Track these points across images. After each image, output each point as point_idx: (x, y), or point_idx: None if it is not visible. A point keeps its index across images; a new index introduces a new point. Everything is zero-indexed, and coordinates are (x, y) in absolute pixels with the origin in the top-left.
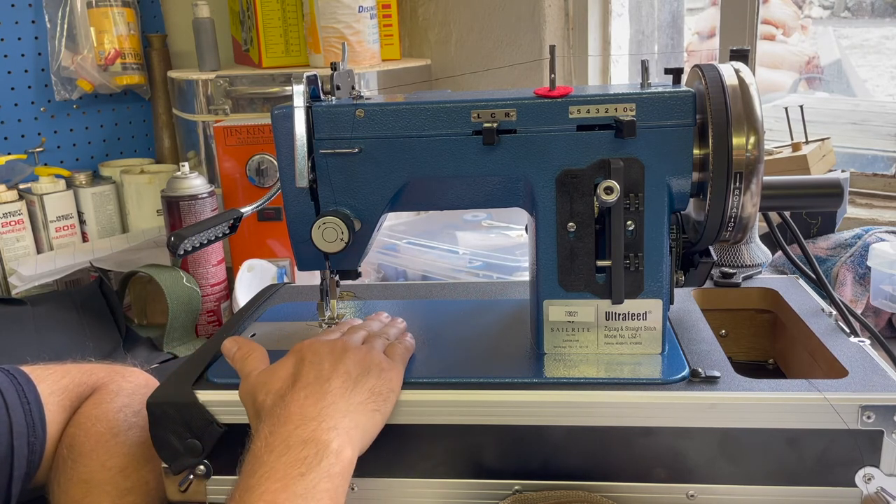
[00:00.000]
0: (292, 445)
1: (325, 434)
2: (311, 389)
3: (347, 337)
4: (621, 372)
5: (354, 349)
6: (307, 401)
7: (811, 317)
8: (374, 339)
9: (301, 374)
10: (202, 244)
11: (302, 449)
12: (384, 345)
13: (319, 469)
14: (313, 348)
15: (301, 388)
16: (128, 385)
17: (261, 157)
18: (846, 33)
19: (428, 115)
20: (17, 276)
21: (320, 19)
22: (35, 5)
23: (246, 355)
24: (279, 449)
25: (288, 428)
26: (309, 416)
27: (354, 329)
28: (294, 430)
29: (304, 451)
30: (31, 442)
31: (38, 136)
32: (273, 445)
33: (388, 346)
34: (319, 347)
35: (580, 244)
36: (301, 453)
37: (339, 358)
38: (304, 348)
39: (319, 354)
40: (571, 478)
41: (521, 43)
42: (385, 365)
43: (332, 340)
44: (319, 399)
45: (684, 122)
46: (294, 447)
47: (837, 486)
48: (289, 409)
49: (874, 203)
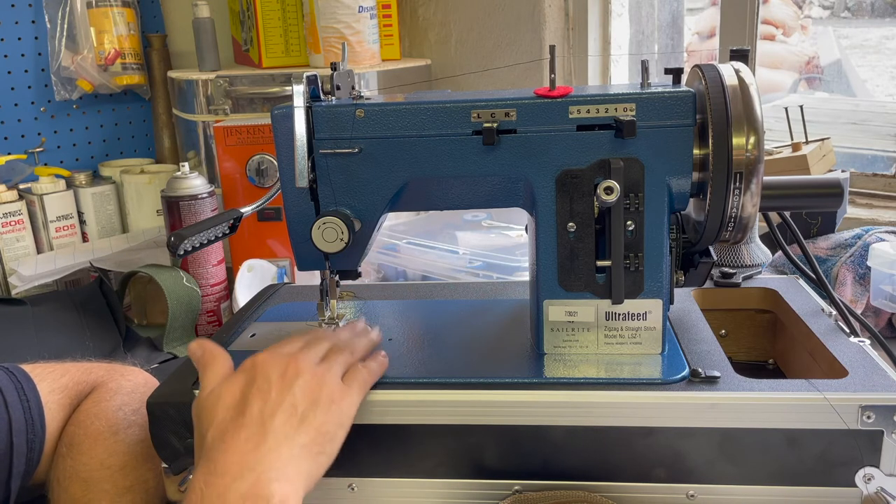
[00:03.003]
0: (229, 502)
1: (266, 487)
2: (253, 431)
3: (305, 354)
4: (621, 372)
5: (307, 373)
6: (247, 445)
7: (811, 317)
8: (336, 357)
9: (246, 405)
10: (202, 244)
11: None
12: (346, 364)
13: None
14: (264, 370)
15: (242, 428)
16: (127, 384)
17: (261, 157)
18: (846, 33)
19: (428, 115)
20: (17, 276)
21: (320, 19)
22: (35, 5)
23: (206, 364)
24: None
25: (225, 480)
26: (248, 465)
27: (317, 341)
28: (232, 484)
29: None
30: (31, 439)
31: (38, 136)
32: (210, 500)
33: (350, 367)
34: (270, 370)
35: (580, 244)
36: None
37: (289, 386)
38: (256, 367)
39: (269, 379)
40: (571, 478)
41: (521, 43)
42: (337, 395)
43: (286, 359)
44: (260, 443)
45: (684, 122)
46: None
47: (837, 486)
48: (227, 455)
49: (874, 203)
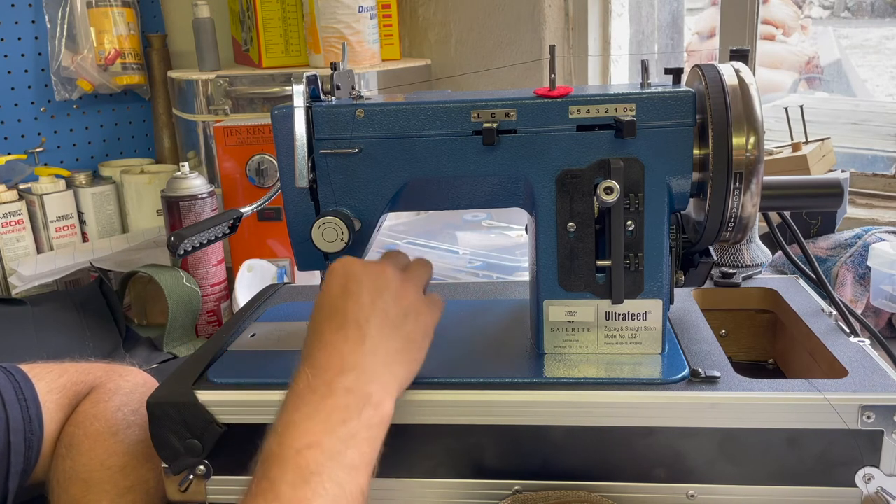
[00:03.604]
0: (335, 390)
1: (366, 386)
2: (350, 332)
3: (385, 263)
4: (621, 372)
5: (394, 281)
6: (346, 345)
7: (811, 317)
8: (416, 271)
9: (341, 307)
10: (202, 244)
11: (345, 395)
12: (425, 280)
13: (360, 419)
14: (354, 275)
15: (340, 329)
16: (126, 384)
17: (261, 157)
18: (846, 33)
19: (428, 115)
20: (17, 276)
21: (320, 19)
22: (35, 5)
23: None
24: (322, 390)
25: (330, 374)
26: (349, 364)
27: (393, 254)
28: (336, 378)
29: (347, 399)
30: (28, 438)
31: (38, 136)
32: (316, 387)
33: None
34: (361, 275)
35: (580, 244)
36: (343, 400)
37: (379, 292)
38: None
39: (360, 283)
40: (571, 478)
41: (521, 43)
42: (422, 307)
43: (372, 266)
44: (358, 344)
45: (684, 122)
46: (337, 392)
47: (837, 486)
48: (328, 353)
49: (874, 203)
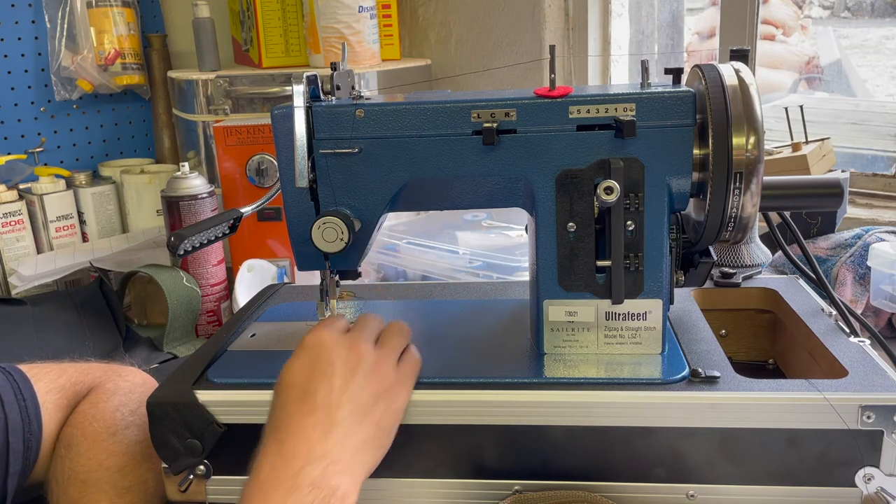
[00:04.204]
0: (300, 486)
1: (334, 478)
2: (320, 418)
3: (362, 335)
4: (621, 372)
5: (368, 359)
6: (315, 432)
7: (811, 317)
8: (391, 340)
9: (311, 388)
10: (202, 244)
11: (309, 492)
12: (400, 349)
13: None
14: (326, 352)
15: (310, 414)
16: (125, 384)
17: (261, 157)
18: (846, 33)
19: (428, 115)
20: (17, 276)
21: (320, 19)
22: (35, 5)
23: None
24: (286, 486)
25: (297, 464)
26: (317, 454)
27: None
28: (302, 469)
29: (311, 496)
30: (27, 438)
31: (38, 136)
32: (280, 481)
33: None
34: (332, 352)
35: (580, 244)
36: (308, 497)
37: (352, 373)
38: (318, 347)
39: (332, 362)
40: (571, 478)
41: (521, 43)
42: (396, 387)
43: (347, 341)
44: (328, 432)
45: (684, 122)
46: (301, 488)
47: (837, 486)
48: (296, 438)
49: (874, 203)
